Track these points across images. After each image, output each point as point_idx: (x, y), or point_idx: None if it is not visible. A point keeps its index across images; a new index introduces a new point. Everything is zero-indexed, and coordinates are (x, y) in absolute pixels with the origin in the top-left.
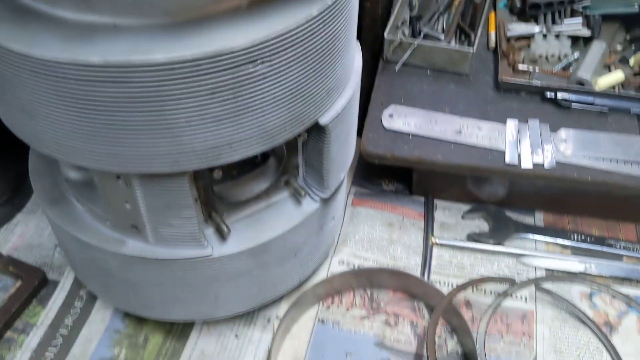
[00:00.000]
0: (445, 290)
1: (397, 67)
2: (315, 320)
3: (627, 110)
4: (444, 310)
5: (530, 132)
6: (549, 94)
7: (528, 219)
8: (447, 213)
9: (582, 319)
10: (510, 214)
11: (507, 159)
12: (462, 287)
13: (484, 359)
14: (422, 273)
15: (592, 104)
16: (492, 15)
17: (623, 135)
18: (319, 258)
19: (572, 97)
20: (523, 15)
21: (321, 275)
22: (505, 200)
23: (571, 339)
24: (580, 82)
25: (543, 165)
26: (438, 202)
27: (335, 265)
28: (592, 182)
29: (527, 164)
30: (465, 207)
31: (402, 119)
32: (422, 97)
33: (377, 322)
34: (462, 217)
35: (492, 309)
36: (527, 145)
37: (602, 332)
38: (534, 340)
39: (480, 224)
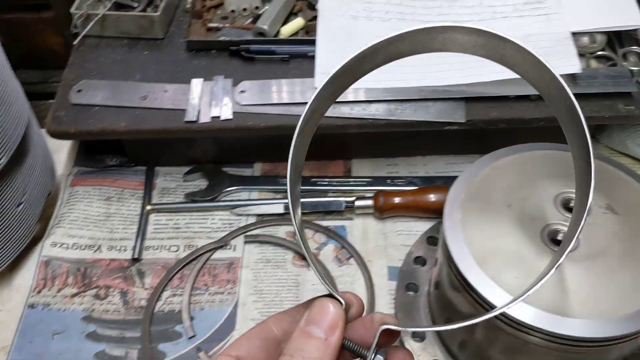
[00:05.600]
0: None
1: (75, 42)
2: (25, 306)
3: (305, 54)
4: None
5: (214, 89)
6: (234, 49)
7: (247, 171)
8: (169, 178)
9: (287, 248)
10: (229, 169)
11: (187, 117)
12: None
13: (188, 314)
14: (136, 241)
15: (273, 52)
16: None
17: (301, 78)
18: (12, 247)
19: (253, 48)
20: None
21: (33, 260)
22: (222, 157)
23: (272, 278)
24: (261, 33)
25: (220, 117)
26: (160, 169)
27: (48, 248)
28: (266, 127)
29: (205, 118)
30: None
31: (90, 93)
32: (114, 68)
33: (88, 296)
34: (184, 180)
35: (200, 264)
36: (207, 101)
37: (306, 258)
38: (237, 286)
39: (201, 184)
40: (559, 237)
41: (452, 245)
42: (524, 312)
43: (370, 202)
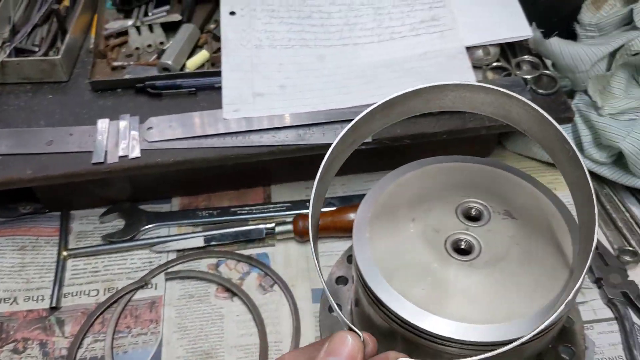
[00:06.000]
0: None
1: None
2: None
3: (212, 86)
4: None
5: (120, 128)
6: (140, 86)
7: (165, 207)
8: (85, 221)
9: (209, 281)
10: (146, 206)
11: (93, 159)
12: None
13: (111, 359)
14: (53, 289)
15: (180, 86)
16: (96, 16)
17: (210, 110)
18: None
19: (159, 84)
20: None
21: None
22: (138, 194)
23: (196, 313)
24: (166, 68)
25: (127, 156)
26: (76, 213)
27: None
28: (175, 162)
29: (113, 159)
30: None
31: None
32: (18, 115)
33: (5, 352)
34: (100, 222)
35: (121, 306)
36: (114, 141)
37: (228, 292)
38: (160, 325)
39: (118, 224)
40: (462, 245)
41: (362, 264)
42: (435, 325)
43: (290, 227)
